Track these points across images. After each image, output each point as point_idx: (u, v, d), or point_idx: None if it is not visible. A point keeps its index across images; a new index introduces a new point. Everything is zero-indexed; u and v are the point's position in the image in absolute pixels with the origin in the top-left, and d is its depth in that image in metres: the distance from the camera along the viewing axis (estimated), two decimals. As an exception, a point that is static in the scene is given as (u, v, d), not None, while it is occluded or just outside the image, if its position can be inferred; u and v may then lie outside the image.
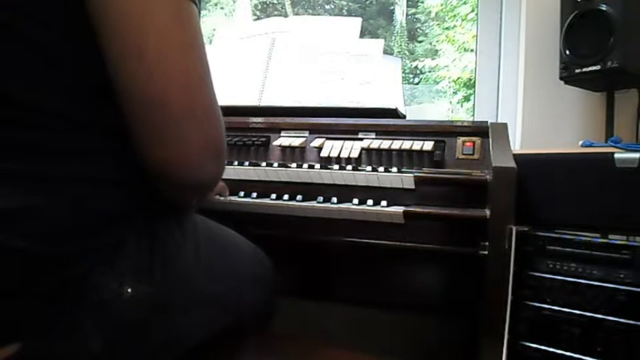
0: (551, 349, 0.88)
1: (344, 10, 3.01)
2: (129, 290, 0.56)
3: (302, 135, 1.13)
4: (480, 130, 1.02)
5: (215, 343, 0.71)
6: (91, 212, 0.54)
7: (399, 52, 2.94)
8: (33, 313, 0.50)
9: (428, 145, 1.02)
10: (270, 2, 3.02)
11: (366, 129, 1.10)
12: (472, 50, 2.03)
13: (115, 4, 0.51)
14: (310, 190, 1.02)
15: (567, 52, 1.22)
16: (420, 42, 2.96)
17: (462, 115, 2.51)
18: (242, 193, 1.04)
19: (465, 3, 2.44)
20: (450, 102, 2.49)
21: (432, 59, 2.66)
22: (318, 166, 1.02)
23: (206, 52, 0.57)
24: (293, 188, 1.03)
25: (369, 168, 1.00)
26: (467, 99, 2.33)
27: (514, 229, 0.83)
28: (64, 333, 0.52)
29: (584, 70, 1.18)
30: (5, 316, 0.49)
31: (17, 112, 0.51)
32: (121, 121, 0.55)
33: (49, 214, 0.50)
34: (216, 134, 0.58)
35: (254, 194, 1.03)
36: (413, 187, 0.97)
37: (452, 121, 1.11)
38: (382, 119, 1.11)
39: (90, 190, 0.55)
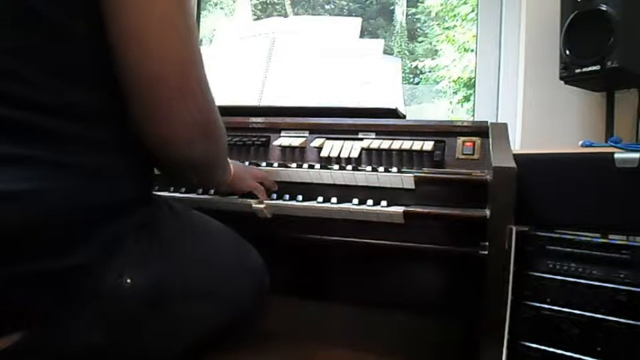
0: (551, 349, 0.88)
1: (344, 10, 3.01)
2: (128, 281, 0.56)
3: (302, 135, 1.13)
4: (480, 130, 1.02)
5: (213, 341, 0.71)
6: (91, 201, 0.55)
7: (399, 52, 2.93)
8: (33, 302, 0.50)
9: (428, 145, 1.02)
10: (270, 2, 3.02)
11: (366, 129, 1.10)
12: (472, 50, 2.03)
13: None
14: (310, 190, 1.02)
15: (567, 52, 1.22)
16: (420, 42, 2.95)
17: (462, 115, 2.50)
18: (242, 193, 1.03)
19: (465, 3, 2.44)
20: (450, 102, 2.49)
21: (432, 59, 2.65)
22: (318, 166, 1.02)
23: (199, 41, 0.62)
24: (293, 188, 1.03)
25: (369, 168, 1.00)
26: (467, 99, 2.33)
27: (514, 229, 0.83)
28: (63, 322, 0.52)
29: (584, 70, 1.18)
30: (6, 305, 0.49)
31: (24, 92, 0.52)
32: (123, 113, 0.59)
33: (49, 198, 0.51)
34: (207, 115, 0.63)
35: (254, 194, 1.03)
36: (413, 187, 0.97)
37: (452, 121, 1.11)
38: (382, 119, 1.11)
39: (90, 178, 0.56)
